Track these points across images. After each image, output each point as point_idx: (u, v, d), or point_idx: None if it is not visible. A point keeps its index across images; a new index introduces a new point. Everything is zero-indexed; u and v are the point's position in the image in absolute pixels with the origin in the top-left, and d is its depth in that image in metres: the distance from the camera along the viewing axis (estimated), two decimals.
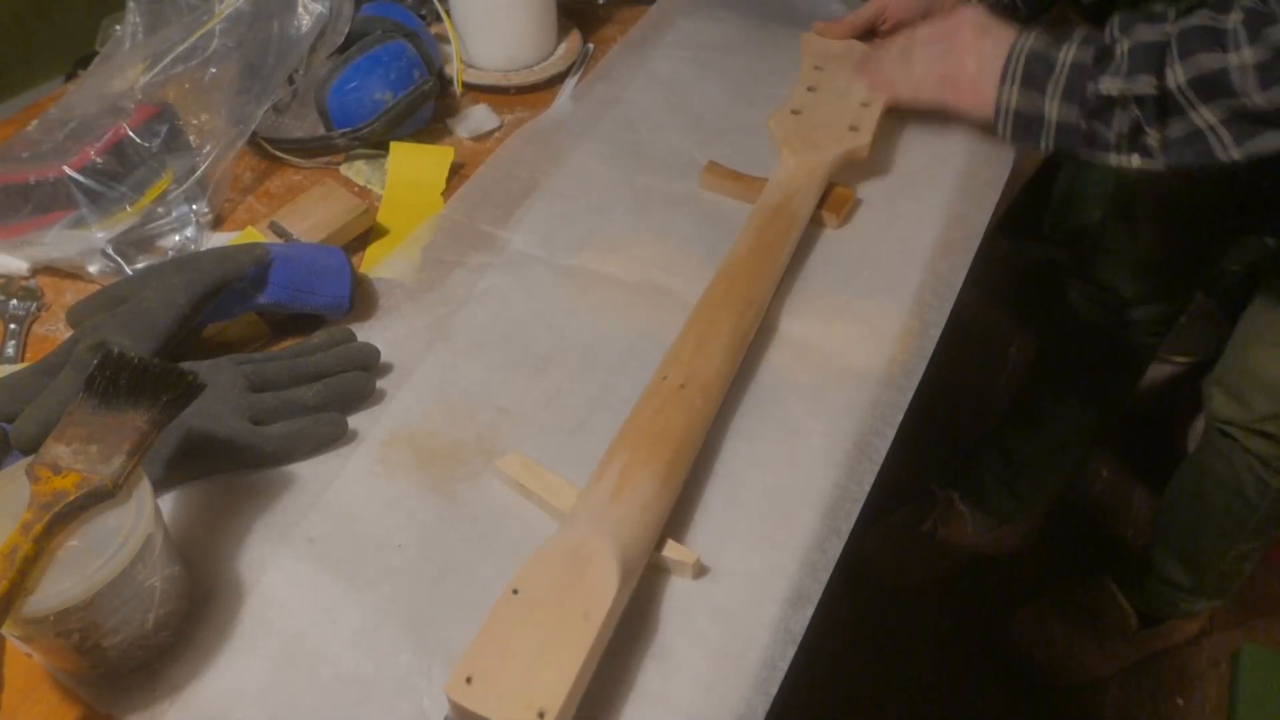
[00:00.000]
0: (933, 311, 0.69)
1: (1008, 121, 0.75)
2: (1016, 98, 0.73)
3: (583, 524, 0.50)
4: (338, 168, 0.82)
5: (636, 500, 0.52)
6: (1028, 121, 0.73)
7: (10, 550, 0.41)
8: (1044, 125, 0.73)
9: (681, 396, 0.57)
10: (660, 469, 0.53)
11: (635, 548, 0.50)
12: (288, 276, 0.64)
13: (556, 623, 0.46)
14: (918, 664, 1.37)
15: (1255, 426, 1.03)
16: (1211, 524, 1.15)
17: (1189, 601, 1.26)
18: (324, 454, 0.59)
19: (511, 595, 0.47)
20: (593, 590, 0.47)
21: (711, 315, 0.63)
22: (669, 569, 0.53)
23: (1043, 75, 0.72)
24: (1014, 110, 0.74)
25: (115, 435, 0.46)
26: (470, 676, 0.44)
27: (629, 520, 0.51)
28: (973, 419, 1.58)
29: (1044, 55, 0.72)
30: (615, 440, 0.56)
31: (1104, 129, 0.69)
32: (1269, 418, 1.01)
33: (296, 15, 0.78)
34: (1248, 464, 1.06)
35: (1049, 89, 0.71)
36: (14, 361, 0.65)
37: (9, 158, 0.71)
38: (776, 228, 0.70)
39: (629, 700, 0.48)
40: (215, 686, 0.48)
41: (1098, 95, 0.68)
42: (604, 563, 0.48)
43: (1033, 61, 0.72)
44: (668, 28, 1.00)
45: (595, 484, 0.53)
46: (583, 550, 0.49)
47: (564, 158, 0.83)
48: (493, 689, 0.44)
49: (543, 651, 0.45)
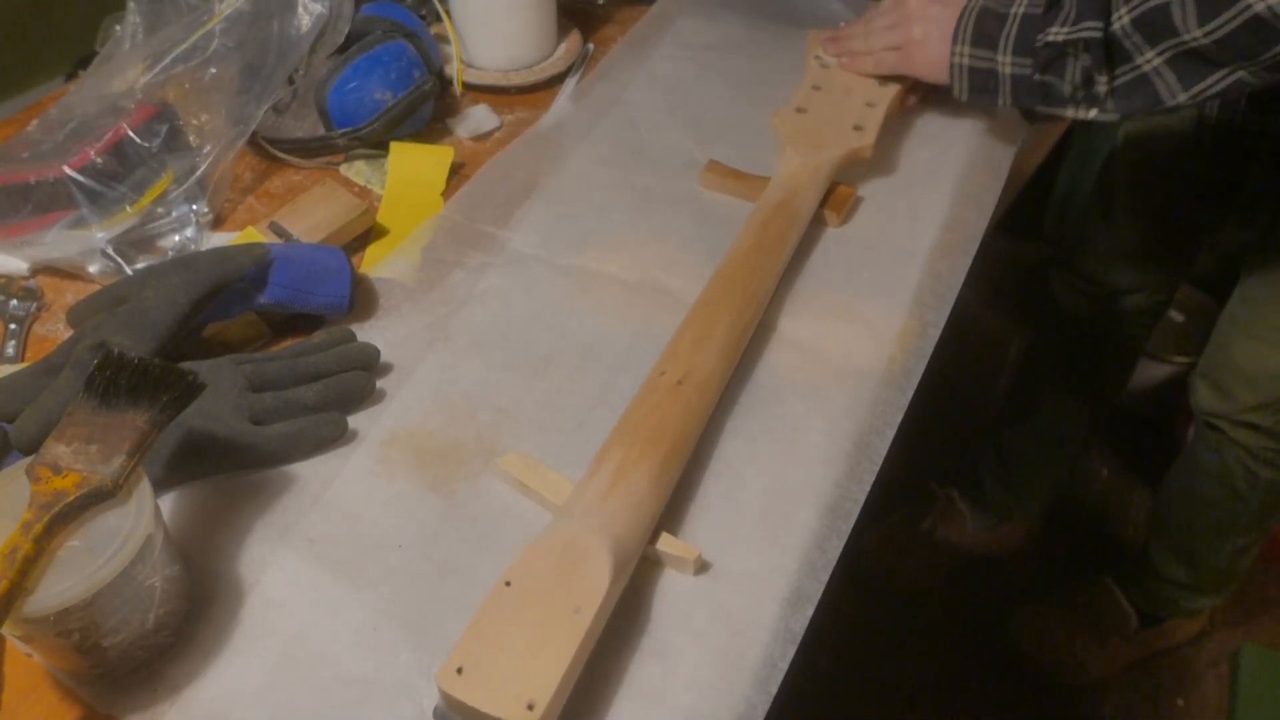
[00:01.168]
0: (932, 311, 0.69)
1: (963, 80, 0.75)
2: (969, 55, 0.74)
3: (576, 519, 0.51)
4: (338, 168, 0.82)
5: (630, 496, 0.52)
6: (983, 78, 0.74)
7: (10, 550, 0.41)
8: (999, 81, 0.73)
9: (678, 393, 0.57)
10: (655, 465, 0.53)
11: (628, 543, 0.50)
12: (288, 276, 0.64)
13: (548, 616, 0.46)
14: (918, 664, 1.37)
15: (1240, 418, 1.04)
16: (1206, 519, 1.15)
17: (1188, 599, 1.26)
18: (324, 454, 0.59)
19: (504, 588, 0.47)
20: (585, 585, 0.47)
21: (710, 312, 0.63)
22: (670, 565, 0.53)
23: (994, 30, 0.72)
24: (967, 68, 0.75)
25: (115, 435, 0.46)
26: (461, 667, 0.44)
27: (622, 516, 0.51)
28: (972, 418, 1.58)
29: (995, 11, 0.73)
30: (611, 435, 0.56)
31: (1058, 81, 0.70)
32: (1253, 409, 1.02)
33: (296, 15, 0.78)
34: (1236, 456, 1.07)
35: (1000, 43, 0.72)
36: (14, 361, 0.65)
37: (9, 158, 0.71)
38: (778, 226, 0.70)
39: (629, 699, 0.48)
40: (215, 686, 0.48)
41: (1046, 44, 0.69)
42: (597, 558, 0.48)
43: (984, 18, 0.73)
44: (668, 28, 1.00)
45: (590, 479, 0.53)
46: (576, 545, 0.49)
47: (564, 158, 0.83)
48: (483, 680, 0.44)
49: (534, 644, 0.45)
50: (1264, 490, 1.07)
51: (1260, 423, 1.02)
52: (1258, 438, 1.04)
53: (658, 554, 0.53)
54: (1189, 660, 1.38)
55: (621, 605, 0.50)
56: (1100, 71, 0.68)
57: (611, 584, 0.48)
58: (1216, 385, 1.05)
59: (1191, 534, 1.19)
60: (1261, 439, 1.04)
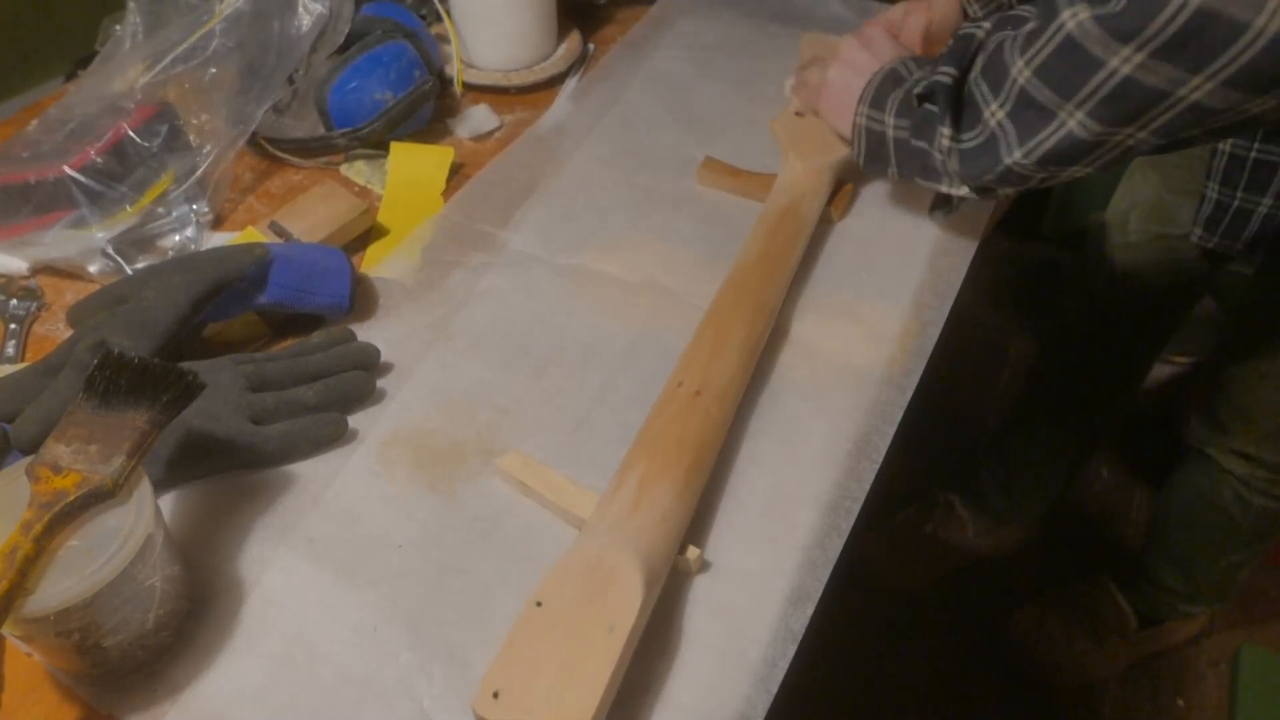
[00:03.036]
0: (932, 311, 0.69)
1: (860, 141, 0.70)
2: (866, 115, 0.69)
3: (603, 535, 0.50)
4: (338, 168, 0.82)
5: (656, 510, 0.51)
6: (876, 142, 0.68)
7: (10, 550, 0.41)
8: (887, 146, 0.67)
9: (697, 403, 0.57)
10: (679, 477, 0.53)
11: (657, 558, 0.49)
12: (288, 276, 0.64)
13: (582, 636, 0.45)
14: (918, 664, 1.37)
15: (1234, 448, 1.03)
16: (1200, 536, 1.15)
17: (1186, 605, 1.26)
18: (324, 454, 0.59)
19: (535, 608, 0.47)
20: (617, 602, 0.47)
21: (724, 321, 0.62)
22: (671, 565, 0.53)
23: (888, 92, 0.67)
24: (864, 128, 0.69)
25: (115, 435, 0.46)
26: (497, 691, 0.44)
27: (649, 530, 0.50)
28: (973, 420, 1.58)
29: (898, 71, 0.68)
30: (632, 449, 0.55)
31: (928, 147, 0.64)
32: (1246, 440, 1.01)
33: (296, 15, 0.78)
34: (1228, 483, 1.06)
35: (889, 105, 0.67)
36: (14, 361, 0.65)
37: (9, 158, 0.71)
38: (786, 232, 0.69)
39: (629, 697, 0.48)
40: (215, 686, 0.48)
41: (915, 97, 0.64)
42: (627, 574, 0.47)
43: (887, 80, 0.68)
44: (668, 28, 1.00)
45: (614, 494, 0.52)
46: (605, 562, 0.48)
47: (563, 158, 0.83)
48: (520, 704, 0.43)
49: (569, 665, 0.44)
50: (1256, 516, 1.07)
51: (1253, 453, 1.01)
52: (1250, 467, 1.03)
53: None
54: (1189, 660, 1.38)
55: (647, 619, 0.50)
56: (944, 121, 0.61)
57: (644, 601, 0.47)
58: (1209, 416, 1.04)
59: (1187, 547, 1.18)
60: (1254, 469, 1.03)
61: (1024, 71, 0.56)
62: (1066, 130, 0.56)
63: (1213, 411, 1.03)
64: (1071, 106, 0.55)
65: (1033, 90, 0.56)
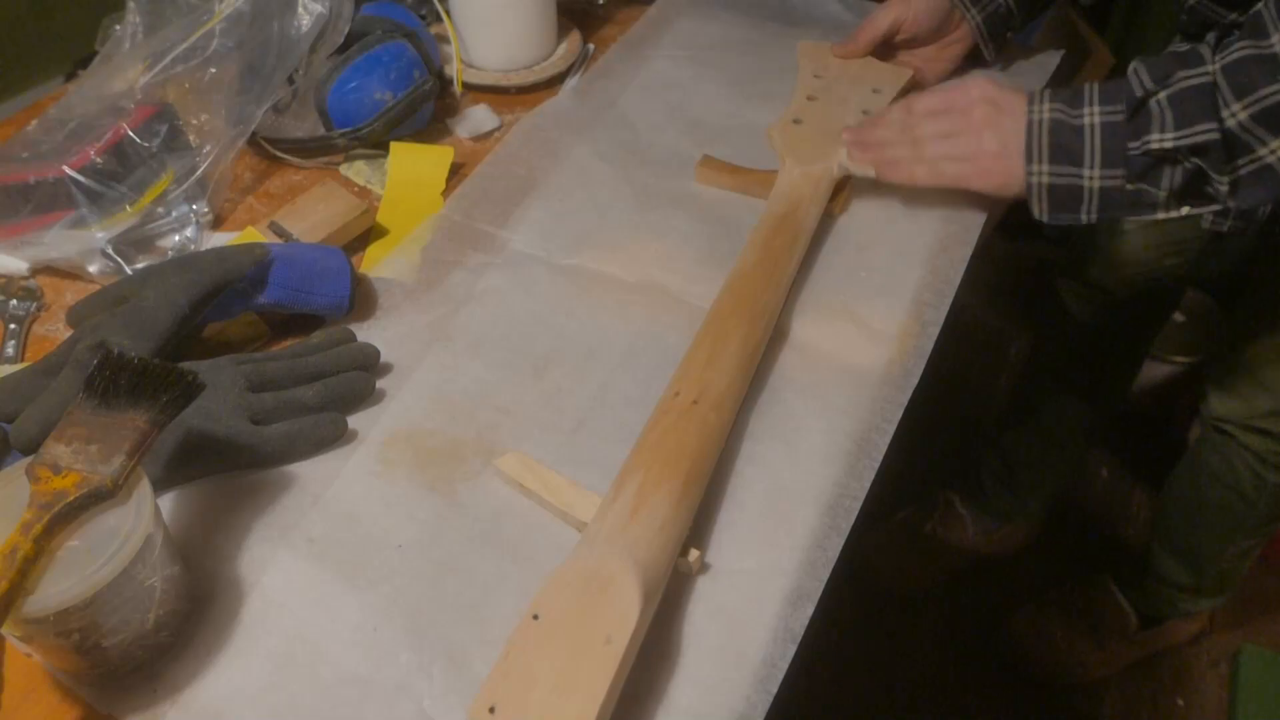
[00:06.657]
0: (931, 310, 0.69)
1: (1043, 199, 0.70)
2: (1048, 174, 0.69)
3: (600, 545, 0.49)
4: (338, 168, 0.82)
5: (654, 519, 0.50)
6: (1065, 196, 0.69)
7: (10, 550, 0.41)
8: (1084, 196, 0.68)
9: (694, 413, 0.56)
10: (676, 487, 0.52)
11: (654, 568, 0.49)
12: (288, 276, 0.64)
13: (578, 648, 0.45)
14: (918, 664, 1.37)
15: (1253, 424, 1.03)
16: (1209, 522, 1.15)
17: (1189, 601, 1.26)
18: (324, 454, 0.59)
19: (531, 621, 0.46)
20: (614, 613, 0.46)
21: (721, 329, 0.62)
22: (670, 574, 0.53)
23: (1073, 145, 0.67)
24: (1047, 186, 0.69)
25: (115, 435, 0.46)
26: (493, 706, 0.43)
27: (647, 540, 0.50)
28: (973, 419, 1.58)
29: (1066, 124, 0.68)
30: (629, 458, 0.55)
31: (1152, 188, 0.66)
32: (1266, 414, 1.02)
33: (296, 15, 0.78)
34: (1245, 461, 1.06)
35: (1085, 158, 0.67)
36: (14, 361, 0.65)
37: (9, 158, 0.71)
38: (783, 239, 0.69)
39: (628, 698, 0.48)
40: (215, 687, 0.48)
41: (1147, 153, 0.64)
42: (625, 585, 0.47)
43: (1057, 133, 0.68)
44: (667, 28, 1.00)
45: (611, 503, 0.52)
46: (602, 572, 0.48)
47: (563, 157, 0.83)
48: (516, 718, 0.43)
49: (566, 678, 0.44)
50: (1271, 494, 1.07)
51: (1273, 428, 1.02)
52: (1268, 442, 1.03)
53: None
54: (1189, 660, 1.38)
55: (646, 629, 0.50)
56: (1219, 170, 0.63)
57: (642, 612, 0.46)
58: (1230, 390, 1.04)
59: (1195, 537, 1.19)
60: (1272, 444, 1.03)
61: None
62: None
63: (1232, 386, 1.03)
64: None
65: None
